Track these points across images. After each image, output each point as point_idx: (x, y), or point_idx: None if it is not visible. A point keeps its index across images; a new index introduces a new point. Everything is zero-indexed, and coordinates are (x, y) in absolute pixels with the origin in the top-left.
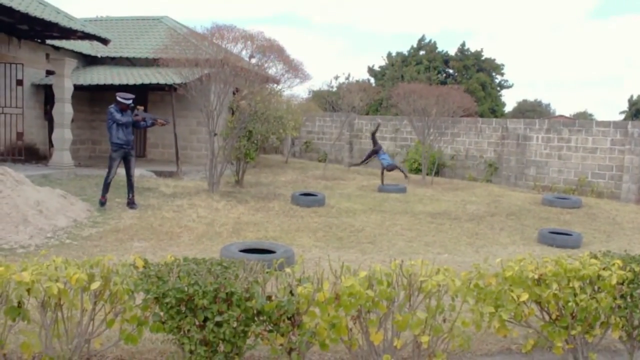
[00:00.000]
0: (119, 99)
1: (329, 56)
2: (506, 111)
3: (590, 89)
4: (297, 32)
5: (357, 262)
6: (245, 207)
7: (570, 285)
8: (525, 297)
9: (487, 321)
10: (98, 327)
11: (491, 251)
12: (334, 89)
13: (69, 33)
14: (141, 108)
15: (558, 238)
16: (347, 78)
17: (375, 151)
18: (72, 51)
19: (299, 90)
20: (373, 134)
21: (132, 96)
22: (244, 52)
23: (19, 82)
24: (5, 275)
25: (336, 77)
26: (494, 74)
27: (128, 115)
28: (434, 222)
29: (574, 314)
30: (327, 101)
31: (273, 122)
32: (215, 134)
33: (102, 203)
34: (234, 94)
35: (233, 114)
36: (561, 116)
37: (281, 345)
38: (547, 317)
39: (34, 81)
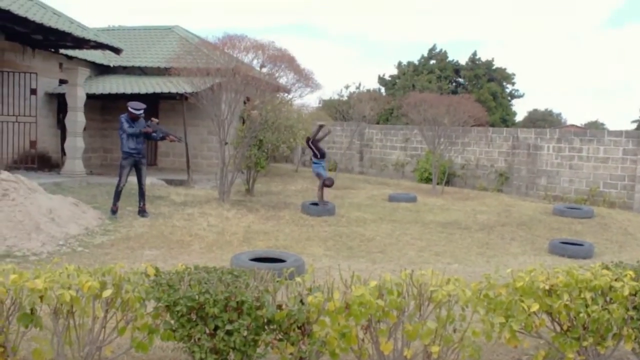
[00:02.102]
0: (129, 109)
1: (341, 65)
2: (517, 121)
3: (602, 99)
4: (309, 41)
5: (367, 272)
6: (255, 216)
7: (582, 296)
8: (536, 307)
9: (498, 331)
10: (109, 334)
11: (502, 261)
12: (345, 98)
13: (82, 42)
14: (155, 120)
15: (569, 248)
16: (358, 87)
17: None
18: (85, 60)
19: (310, 99)
20: (311, 140)
21: (143, 106)
22: (255, 62)
23: (33, 91)
24: (18, 282)
25: (347, 87)
26: (504, 83)
27: (140, 125)
28: (444, 231)
29: (585, 325)
30: (338, 110)
31: (284, 131)
32: (226, 143)
33: (114, 211)
34: (245, 103)
35: (244, 123)
36: (572, 126)
37: (291, 354)
38: (558, 328)
39: (48, 90)
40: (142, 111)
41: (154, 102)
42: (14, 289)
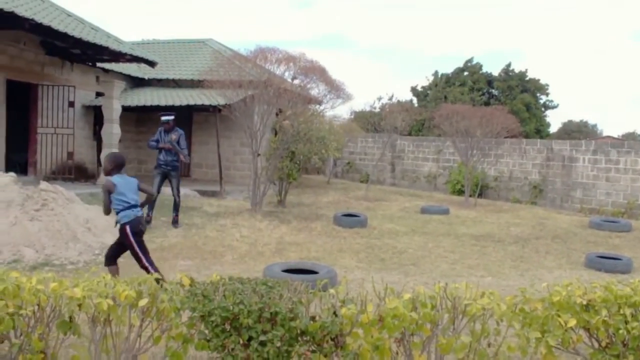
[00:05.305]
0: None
1: (374, 78)
2: (551, 132)
3: (639, 109)
4: (343, 54)
5: (399, 284)
6: (287, 227)
7: (621, 312)
8: (573, 323)
9: (534, 347)
10: (145, 343)
11: (536, 275)
12: (377, 110)
13: (118, 56)
14: (174, 137)
15: (606, 262)
16: (390, 98)
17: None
18: (121, 73)
19: (341, 111)
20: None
21: (171, 114)
22: (286, 74)
23: (71, 104)
24: (58, 290)
25: (379, 98)
26: (538, 94)
27: (173, 134)
28: (477, 244)
29: (625, 342)
30: (369, 122)
31: (315, 143)
32: (259, 155)
33: (147, 221)
34: (277, 114)
35: (276, 134)
36: (609, 137)
37: None
38: (596, 345)
39: (85, 103)
40: (169, 118)
41: (187, 114)
42: (54, 296)
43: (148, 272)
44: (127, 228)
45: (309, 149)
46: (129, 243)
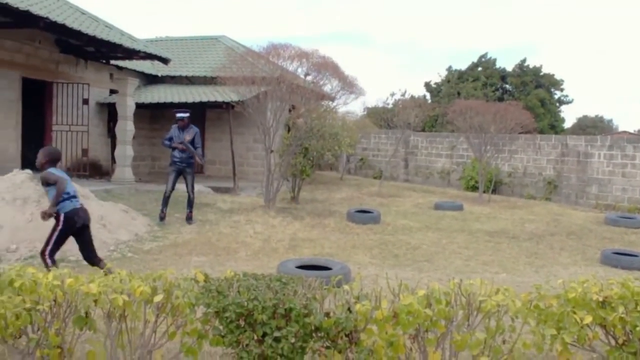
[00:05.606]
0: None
1: (389, 73)
2: (566, 127)
3: None
4: (358, 49)
5: (413, 280)
6: (301, 224)
7: (638, 308)
8: (589, 319)
9: (549, 344)
10: (160, 339)
11: (551, 271)
12: (390, 106)
13: (132, 53)
14: (188, 138)
15: (623, 259)
16: (403, 94)
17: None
18: (134, 71)
19: (354, 107)
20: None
21: (186, 112)
22: (299, 70)
23: (85, 101)
24: (74, 286)
25: (392, 94)
26: (553, 89)
27: (190, 134)
28: (491, 240)
29: None
30: (383, 118)
31: (328, 139)
32: (272, 151)
33: (161, 217)
34: (290, 111)
35: (289, 130)
36: (624, 132)
37: None
38: (613, 342)
39: (99, 100)
40: (184, 115)
41: (201, 111)
42: (70, 292)
43: (44, 259)
44: (62, 217)
45: (322, 145)
46: (56, 227)
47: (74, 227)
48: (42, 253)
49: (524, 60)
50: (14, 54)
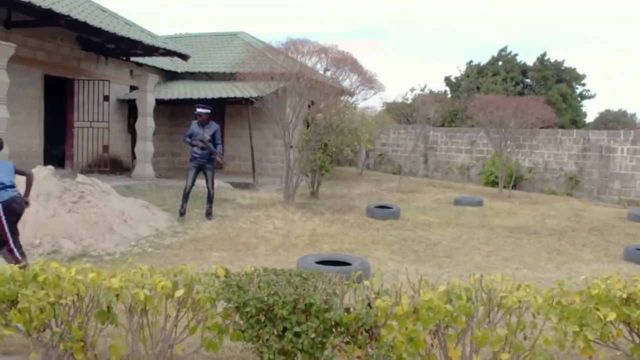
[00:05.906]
0: (196, 111)
1: (409, 68)
2: (588, 122)
3: None
4: (376, 45)
5: (433, 276)
6: (320, 219)
7: None
8: (612, 316)
9: (571, 341)
10: (181, 333)
11: (573, 268)
12: (409, 101)
13: (152, 50)
14: (207, 137)
15: None
16: (423, 89)
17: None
18: (154, 67)
19: (373, 102)
20: None
21: (207, 108)
22: (318, 65)
23: (106, 98)
24: (96, 281)
25: (412, 89)
26: (574, 84)
27: (211, 129)
28: (511, 236)
29: None
30: (402, 113)
31: (347, 135)
32: (291, 147)
33: (182, 213)
34: (309, 106)
35: (308, 126)
36: None
37: (358, 357)
38: (637, 339)
39: (119, 96)
40: (202, 111)
41: (220, 107)
42: (93, 287)
43: (13, 255)
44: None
45: (341, 140)
46: (0, 219)
47: (15, 211)
48: (10, 251)
49: (544, 55)
50: (36, 52)
